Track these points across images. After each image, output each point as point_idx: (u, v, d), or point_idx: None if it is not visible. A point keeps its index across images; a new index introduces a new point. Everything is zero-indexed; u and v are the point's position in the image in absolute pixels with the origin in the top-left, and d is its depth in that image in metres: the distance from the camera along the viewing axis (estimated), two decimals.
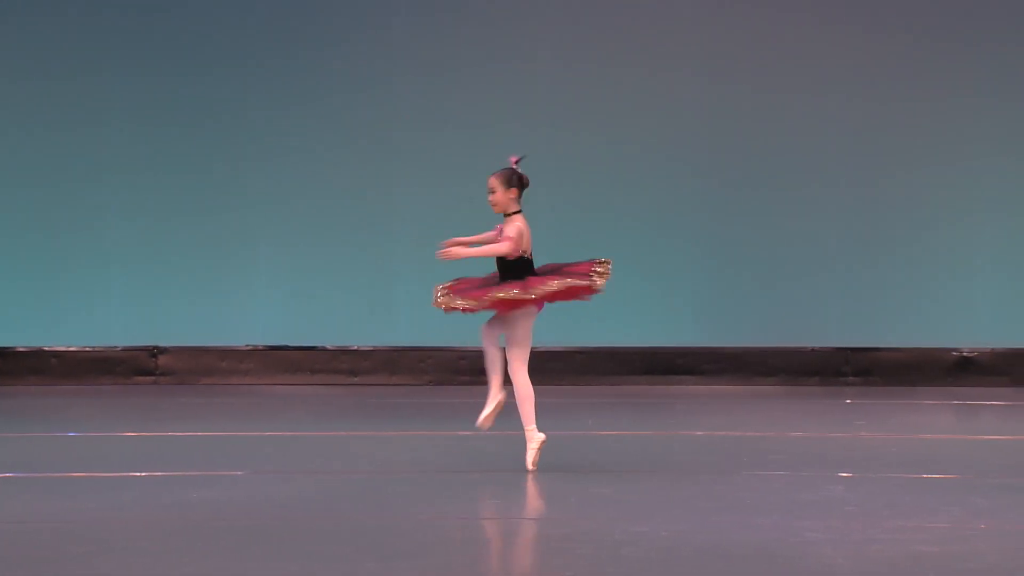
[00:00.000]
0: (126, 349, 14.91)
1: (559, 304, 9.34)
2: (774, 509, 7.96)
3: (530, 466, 9.09)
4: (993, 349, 14.54)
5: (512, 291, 9.13)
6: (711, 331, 14.68)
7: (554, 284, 9.14)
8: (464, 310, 9.22)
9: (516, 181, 9.38)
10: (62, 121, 14.83)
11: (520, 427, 9.35)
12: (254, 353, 14.89)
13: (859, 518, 7.67)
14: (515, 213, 9.37)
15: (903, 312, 14.58)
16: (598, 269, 9.20)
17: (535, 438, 9.19)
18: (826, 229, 14.61)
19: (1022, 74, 14.48)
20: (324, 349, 14.90)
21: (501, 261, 9.36)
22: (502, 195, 9.38)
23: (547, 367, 14.97)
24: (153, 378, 14.89)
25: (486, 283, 9.41)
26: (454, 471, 9.43)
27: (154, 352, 14.92)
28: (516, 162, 9.46)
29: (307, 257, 14.82)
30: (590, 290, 9.17)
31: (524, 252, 9.28)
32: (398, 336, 14.83)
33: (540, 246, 9.77)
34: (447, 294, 9.31)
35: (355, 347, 14.89)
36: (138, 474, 9.27)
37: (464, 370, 14.81)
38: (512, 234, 9.27)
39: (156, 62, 14.84)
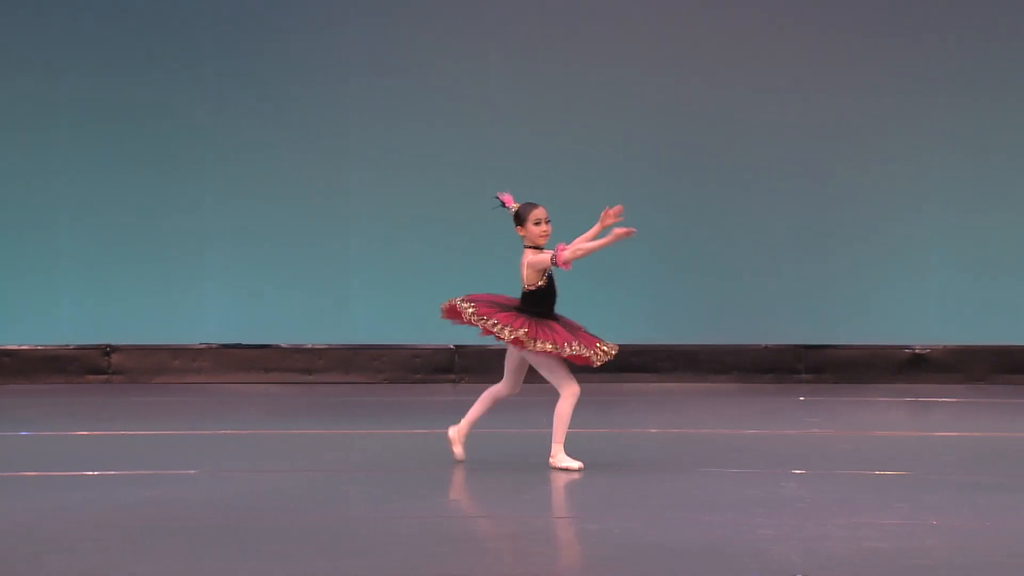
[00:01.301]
0: (78, 348, 14.84)
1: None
2: (726, 506, 7.98)
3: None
4: (945, 346, 14.61)
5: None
6: (665, 329, 14.72)
7: (572, 347, 9.03)
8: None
9: None
10: (13, 121, 14.75)
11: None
12: (207, 351, 14.85)
13: (811, 515, 7.70)
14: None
15: (856, 309, 14.65)
16: (604, 349, 9.13)
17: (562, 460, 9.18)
18: (780, 227, 14.67)
19: (971, 70, 14.56)
20: (278, 347, 14.86)
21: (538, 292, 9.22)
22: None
23: (501, 366, 14.97)
24: (106, 377, 14.83)
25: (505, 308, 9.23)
26: (408, 469, 9.42)
27: (107, 351, 14.86)
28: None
29: (261, 255, 14.79)
30: (586, 362, 9.09)
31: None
32: (352, 334, 14.81)
33: (497, 250, 9.73)
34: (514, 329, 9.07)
35: (309, 345, 14.86)
36: (90, 473, 9.23)
37: (418, 368, 14.81)
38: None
39: (107, 62, 14.78)
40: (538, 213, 9.28)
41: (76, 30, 14.76)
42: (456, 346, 14.74)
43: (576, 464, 9.06)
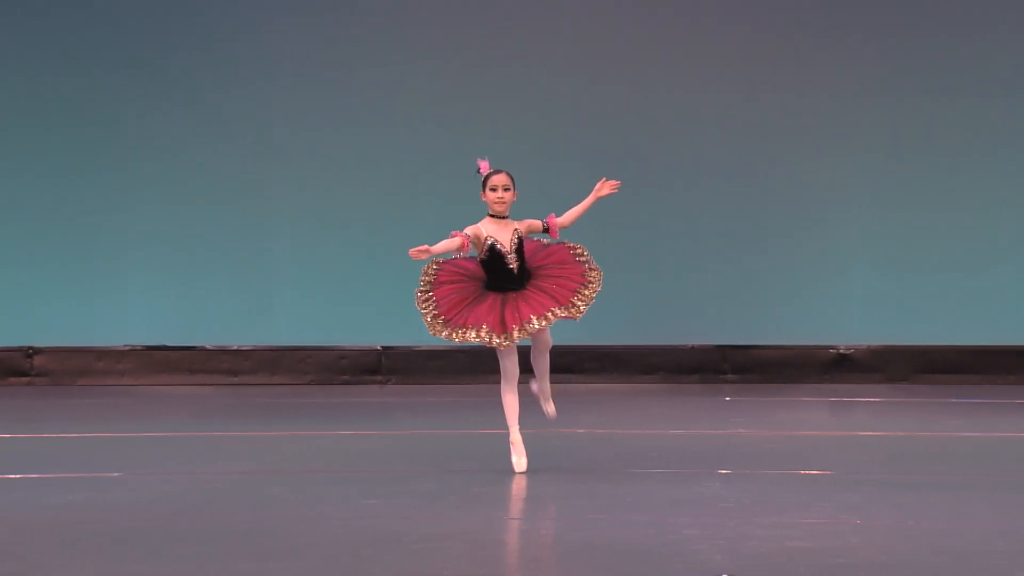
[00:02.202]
0: (0, 350, 14.69)
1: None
2: (651, 506, 8.00)
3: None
4: (868, 346, 14.72)
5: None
6: (591, 329, 14.72)
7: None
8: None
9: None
10: None
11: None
12: (131, 353, 14.74)
13: (734, 515, 7.73)
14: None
15: (781, 310, 14.73)
16: (584, 294, 9.05)
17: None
18: (703, 227, 14.73)
19: (894, 71, 14.67)
20: (203, 349, 14.78)
21: (522, 256, 9.04)
22: (512, 195, 9.13)
23: (428, 366, 14.99)
24: (28, 379, 14.70)
25: (468, 288, 9.06)
26: (333, 471, 9.39)
27: (29, 352, 14.73)
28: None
29: (185, 257, 14.70)
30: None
31: None
32: (278, 336, 14.76)
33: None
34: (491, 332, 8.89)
35: (235, 347, 14.79)
36: (11, 476, 9.14)
37: (345, 370, 14.77)
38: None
39: (30, 62, 14.65)
40: (495, 179, 9.06)
41: None
42: (383, 347, 14.72)
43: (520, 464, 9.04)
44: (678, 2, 14.79)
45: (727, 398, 13.62)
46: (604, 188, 9.25)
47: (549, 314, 8.90)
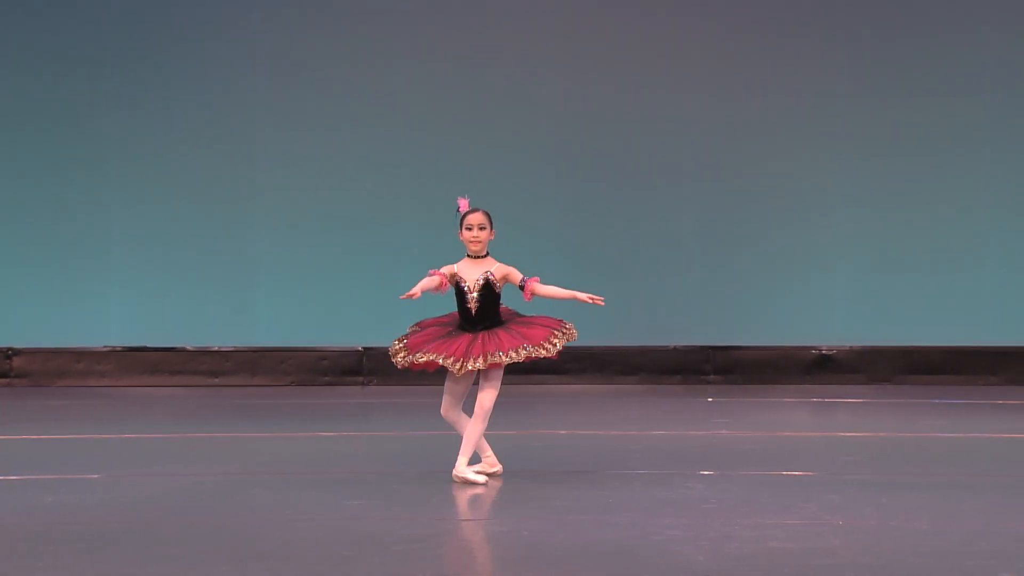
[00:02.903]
0: None
1: (418, 303, 9.15)
2: (633, 507, 7.99)
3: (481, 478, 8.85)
4: (851, 347, 14.73)
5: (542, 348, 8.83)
6: None
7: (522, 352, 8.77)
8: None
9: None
10: None
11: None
12: (111, 354, 14.70)
13: (717, 515, 7.72)
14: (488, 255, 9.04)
15: (763, 311, 14.74)
16: (558, 336, 8.94)
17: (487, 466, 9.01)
18: (686, 228, 14.73)
19: (876, 71, 14.69)
20: (184, 350, 14.74)
21: (491, 303, 8.95)
22: (488, 234, 9.03)
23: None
24: (8, 380, 14.65)
25: (447, 330, 8.94)
26: (314, 472, 9.36)
27: (8, 354, 14.67)
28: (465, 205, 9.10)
29: (166, 258, 14.67)
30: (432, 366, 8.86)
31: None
32: (259, 337, 14.73)
33: (396, 249, 9.66)
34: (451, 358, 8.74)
35: (216, 348, 14.75)
36: None
37: (326, 371, 14.74)
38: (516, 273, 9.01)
39: (9, 65, 14.61)
40: (470, 219, 8.98)
41: None
42: (364, 348, 14.69)
43: (481, 479, 8.87)
44: (660, 4, 14.78)
45: (710, 399, 13.62)
46: (586, 297, 9.09)
47: (521, 349, 8.76)
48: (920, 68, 14.67)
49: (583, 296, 9.06)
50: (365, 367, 14.73)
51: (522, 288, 9.02)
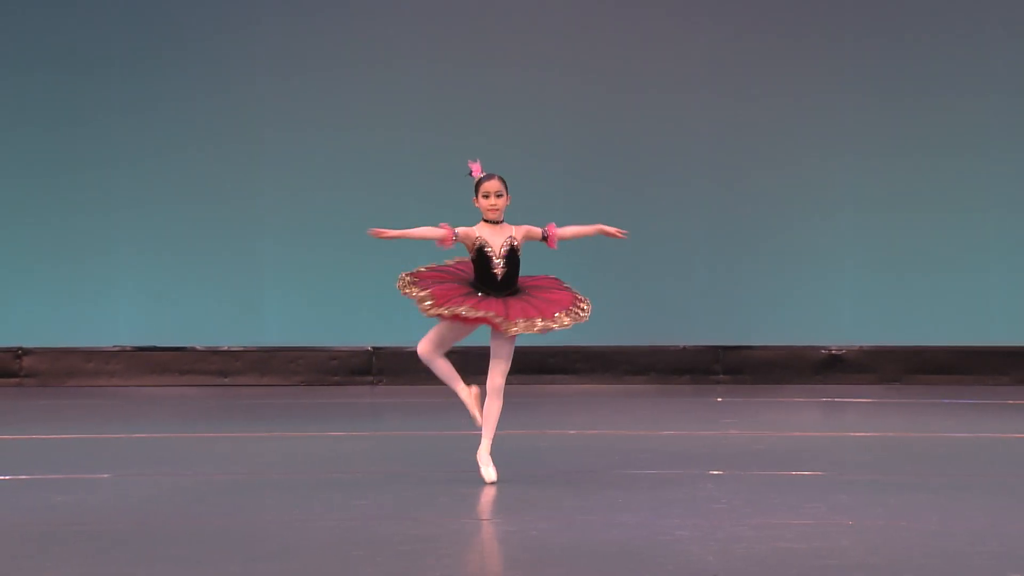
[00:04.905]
0: None
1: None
2: (641, 507, 7.99)
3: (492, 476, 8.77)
4: (860, 347, 14.72)
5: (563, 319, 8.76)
6: (582, 330, 14.66)
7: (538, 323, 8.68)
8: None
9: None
10: None
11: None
12: (121, 354, 14.71)
13: (726, 516, 7.72)
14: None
15: (772, 310, 14.73)
16: (580, 298, 8.88)
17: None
18: (694, 228, 14.72)
19: (884, 71, 14.67)
20: (193, 350, 14.75)
21: (515, 269, 8.85)
22: (505, 200, 8.96)
23: (419, 367, 14.91)
24: (17, 380, 14.67)
25: (466, 288, 8.81)
26: (323, 473, 9.37)
27: (18, 353, 14.69)
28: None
29: (175, 258, 14.68)
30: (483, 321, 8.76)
31: None
32: (268, 337, 14.73)
33: (406, 248, 9.65)
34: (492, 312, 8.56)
35: (225, 348, 14.76)
36: (1, 477, 9.11)
37: (335, 370, 14.74)
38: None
39: (16, 62, 14.62)
40: (487, 186, 8.86)
41: None
42: (374, 347, 14.70)
43: (491, 477, 8.79)
44: (665, 4, 14.77)
45: (718, 399, 13.61)
46: (612, 229, 9.11)
47: (562, 314, 8.71)
48: (928, 69, 14.65)
49: (610, 229, 9.07)
50: (375, 367, 14.74)
51: (545, 239, 8.99)
